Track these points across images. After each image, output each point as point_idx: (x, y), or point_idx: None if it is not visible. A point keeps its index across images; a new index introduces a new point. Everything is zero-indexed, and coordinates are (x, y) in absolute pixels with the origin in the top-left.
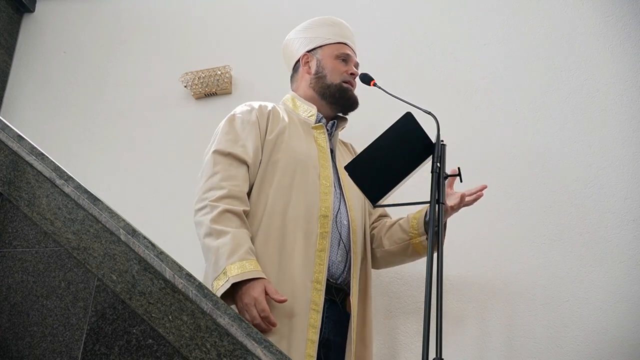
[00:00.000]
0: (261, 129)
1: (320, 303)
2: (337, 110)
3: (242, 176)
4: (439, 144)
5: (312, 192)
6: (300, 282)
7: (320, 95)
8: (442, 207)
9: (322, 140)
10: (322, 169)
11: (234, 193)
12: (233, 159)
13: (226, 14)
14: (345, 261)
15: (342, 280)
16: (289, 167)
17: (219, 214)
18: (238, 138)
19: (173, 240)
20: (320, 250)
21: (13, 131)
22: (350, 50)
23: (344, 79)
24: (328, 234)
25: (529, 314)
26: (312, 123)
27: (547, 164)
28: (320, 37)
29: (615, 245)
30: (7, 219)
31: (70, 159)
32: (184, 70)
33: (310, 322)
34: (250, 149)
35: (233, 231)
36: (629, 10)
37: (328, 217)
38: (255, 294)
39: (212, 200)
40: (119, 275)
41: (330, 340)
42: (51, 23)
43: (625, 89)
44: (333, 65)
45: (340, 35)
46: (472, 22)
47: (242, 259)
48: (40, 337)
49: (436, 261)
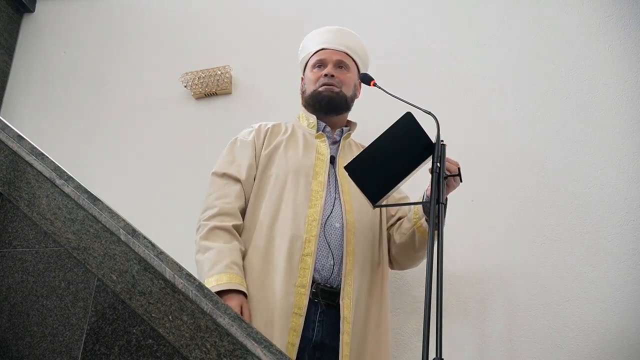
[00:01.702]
0: (257, 146)
1: (303, 307)
2: (326, 114)
3: (234, 193)
4: (439, 144)
5: (301, 200)
6: (283, 288)
7: (311, 108)
8: (442, 207)
9: (322, 148)
10: (316, 176)
11: (224, 210)
12: (228, 179)
13: (226, 14)
14: (336, 264)
15: (337, 284)
16: (280, 179)
17: (207, 231)
18: (234, 159)
19: (173, 240)
20: (306, 255)
21: (13, 131)
22: (327, 52)
23: (319, 84)
24: (315, 238)
25: (529, 314)
26: (314, 132)
27: (547, 164)
28: (304, 57)
29: (615, 245)
30: (7, 219)
31: (70, 159)
32: (184, 70)
33: (291, 326)
34: (243, 167)
35: (218, 247)
36: (629, 10)
37: (316, 221)
38: (233, 304)
39: (204, 220)
40: (119, 275)
41: (324, 344)
42: (51, 23)
43: (625, 89)
44: (310, 77)
45: (317, 44)
46: (472, 22)
47: (219, 272)
48: (40, 337)
49: (436, 261)
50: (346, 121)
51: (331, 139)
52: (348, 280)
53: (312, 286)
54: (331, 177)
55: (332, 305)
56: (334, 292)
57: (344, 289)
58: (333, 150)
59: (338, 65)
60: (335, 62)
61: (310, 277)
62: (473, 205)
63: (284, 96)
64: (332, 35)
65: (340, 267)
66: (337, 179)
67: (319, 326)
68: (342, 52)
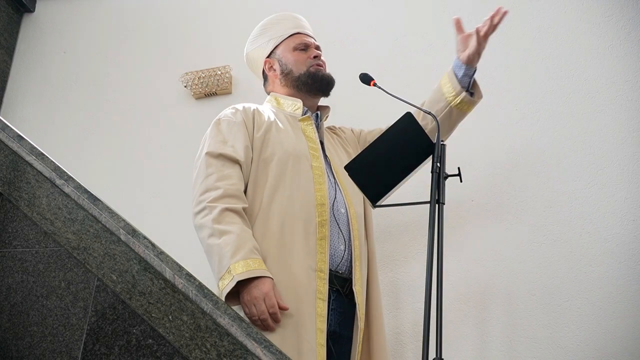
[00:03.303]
0: (248, 128)
1: (325, 292)
2: (318, 95)
3: (236, 175)
4: (439, 144)
5: (306, 183)
6: (304, 272)
7: (297, 89)
8: (442, 207)
9: (310, 132)
10: (314, 160)
11: (230, 192)
12: (225, 159)
13: (226, 14)
14: (346, 249)
15: (345, 269)
16: (281, 161)
17: (219, 213)
18: (226, 139)
19: (173, 240)
20: (321, 239)
21: (13, 131)
22: (305, 37)
23: (309, 64)
24: (327, 222)
25: (529, 314)
26: (299, 116)
27: (547, 164)
28: (273, 39)
29: (615, 245)
30: (7, 219)
31: (70, 159)
32: (184, 70)
33: (317, 312)
34: (240, 148)
35: (236, 229)
36: (629, 10)
37: (325, 205)
38: (266, 289)
39: (209, 202)
40: (119, 275)
41: (337, 332)
42: (51, 23)
43: (625, 88)
44: (294, 57)
45: (291, 27)
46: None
47: (246, 257)
48: (40, 337)
49: (436, 261)
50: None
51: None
52: (357, 266)
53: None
54: (325, 161)
55: (340, 292)
56: (343, 277)
57: (355, 275)
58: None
59: (318, 49)
60: (316, 46)
61: (328, 261)
62: (473, 205)
63: None
64: (301, 22)
65: (350, 252)
66: (330, 163)
67: (332, 314)
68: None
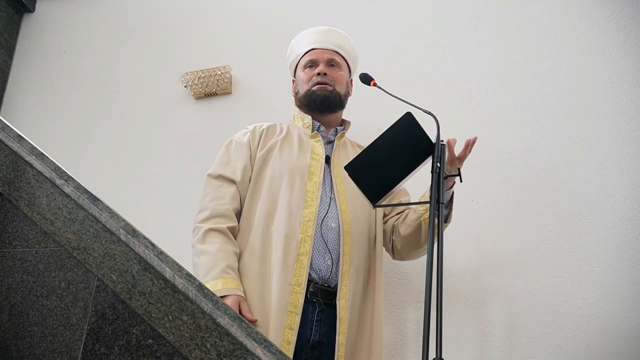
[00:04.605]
0: (252, 148)
1: (299, 305)
2: (321, 113)
3: (229, 195)
4: (439, 144)
5: (296, 200)
6: (279, 287)
7: (305, 109)
8: (442, 207)
9: (317, 148)
10: (311, 176)
11: (218, 212)
12: (223, 180)
13: (226, 14)
14: (334, 264)
15: (334, 284)
16: (275, 180)
17: (203, 234)
18: (230, 161)
19: (173, 240)
20: (301, 254)
21: (13, 131)
22: (318, 51)
23: (312, 83)
24: (310, 238)
25: (529, 314)
26: (309, 132)
27: (547, 164)
28: (294, 59)
29: (615, 245)
30: (7, 219)
31: (70, 159)
32: (184, 70)
33: (286, 324)
34: (239, 168)
35: (213, 249)
36: (629, 10)
37: (312, 222)
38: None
39: (199, 222)
40: (119, 275)
41: (322, 343)
42: (51, 23)
43: (625, 88)
44: (302, 77)
45: (307, 44)
46: (471, 22)
47: (215, 277)
48: (40, 337)
49: (436, 261)
50: (341, 120)
51: (326, 139)
52: (344, 281)
53: (309, 285)
54: (327, 177)
55: (331, 305)
56: (332, 291)
57: (340, 290)
58: (328, 150)
59: (329, 63)
60: (327, 60)
61: (306, 275)
62: (473, 205)
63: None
64: (322, 36)
65: (337, 267)
66: (332, 179)
67: (317, 325)
68: (332, 50)
